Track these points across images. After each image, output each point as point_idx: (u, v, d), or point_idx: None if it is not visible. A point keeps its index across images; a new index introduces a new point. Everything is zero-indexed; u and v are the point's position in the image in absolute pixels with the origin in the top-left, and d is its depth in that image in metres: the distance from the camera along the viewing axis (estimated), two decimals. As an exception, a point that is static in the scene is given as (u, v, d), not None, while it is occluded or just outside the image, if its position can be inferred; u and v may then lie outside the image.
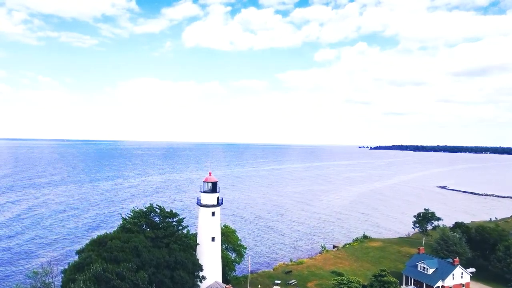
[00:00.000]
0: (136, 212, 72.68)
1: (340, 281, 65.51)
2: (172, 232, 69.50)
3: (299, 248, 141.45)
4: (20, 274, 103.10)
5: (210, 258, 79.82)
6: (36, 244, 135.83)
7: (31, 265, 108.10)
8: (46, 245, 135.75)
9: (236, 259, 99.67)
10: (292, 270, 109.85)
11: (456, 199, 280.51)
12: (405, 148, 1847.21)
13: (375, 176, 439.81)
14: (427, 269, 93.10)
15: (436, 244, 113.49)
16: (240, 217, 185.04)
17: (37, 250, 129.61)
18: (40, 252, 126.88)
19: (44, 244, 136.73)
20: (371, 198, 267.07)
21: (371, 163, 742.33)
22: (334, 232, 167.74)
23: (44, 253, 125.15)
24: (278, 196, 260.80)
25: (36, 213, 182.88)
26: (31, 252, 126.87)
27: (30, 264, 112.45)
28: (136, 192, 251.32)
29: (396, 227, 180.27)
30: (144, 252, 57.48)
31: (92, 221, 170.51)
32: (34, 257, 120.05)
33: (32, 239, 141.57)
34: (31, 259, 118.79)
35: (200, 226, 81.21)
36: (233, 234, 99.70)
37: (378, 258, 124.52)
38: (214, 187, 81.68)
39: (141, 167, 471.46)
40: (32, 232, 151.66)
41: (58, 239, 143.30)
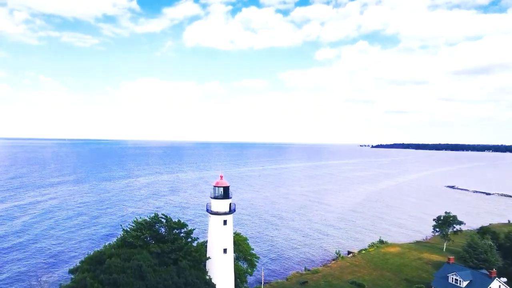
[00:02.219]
0: (138, 223, 63.41)
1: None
2: (180, 246, 60.32)
3: (312, 254, 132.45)
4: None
5: (222, 272, 70.79)
6: (22, 259, 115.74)
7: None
8: (33, 259, 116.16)
9: (248, 270, 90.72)
10: (307, 281, 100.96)
11: (468, 199, 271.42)
12: (406, 147, 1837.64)
13: (381, 175, 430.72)
14: (460, 281, 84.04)
15: (463, 252, 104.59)
16: (245, 221, 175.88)
17: (22, 267, 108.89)
18: (26, 269, 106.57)
19: (31, 257, 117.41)
20: (380, 199, 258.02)
21: (374, 161, 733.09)
22: (347, 236, 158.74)
23: (31, 271, 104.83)
24: (284, 197, 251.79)
25: (25, 219, 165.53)
26: (15, 269, 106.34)
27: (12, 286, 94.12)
28: (138, 195, 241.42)
29: (412, 230, 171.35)
30: (149, 273, 48.57)
31: (90, 230, 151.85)
32: (17, 276, 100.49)
33: (17, 251, 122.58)
34: (13, 278, 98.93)
35: (210, 236, 72.16)
36: (245, 242, 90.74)
37: (398, 266, 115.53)
38: (226, 192, 72.64)
39: (143, 167, 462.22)
40: (18, 242, 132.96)
41: (48, 252, 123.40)
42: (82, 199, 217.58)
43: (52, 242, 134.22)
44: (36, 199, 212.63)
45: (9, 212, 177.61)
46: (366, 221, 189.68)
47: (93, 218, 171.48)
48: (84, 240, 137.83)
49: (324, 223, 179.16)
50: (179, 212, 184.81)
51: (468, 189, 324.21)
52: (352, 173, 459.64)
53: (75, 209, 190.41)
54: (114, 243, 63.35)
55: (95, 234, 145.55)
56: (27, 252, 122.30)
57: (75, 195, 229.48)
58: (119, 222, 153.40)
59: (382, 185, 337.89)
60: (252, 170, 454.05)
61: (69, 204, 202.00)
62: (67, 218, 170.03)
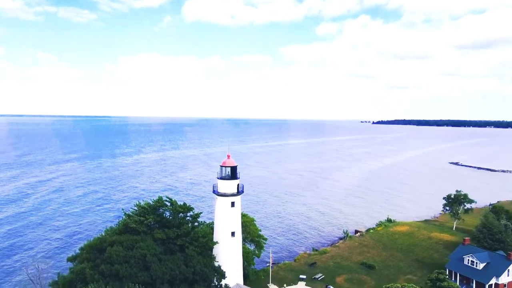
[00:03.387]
0: (141, 207, 59.08)
1: (394, 289, 53.06)
2: (186, 231, 56.16)
3: (319, 234, 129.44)
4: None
5: (230, 256, 67.24)
6: (19, 244, 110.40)
7: (7, 279, 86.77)
8: (31, 243, 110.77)
9: (256, 252, 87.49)
10: (316, 262, 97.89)
11: (473, 176, 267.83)
12: (408, 123, 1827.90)
13: (384, 152, 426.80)
14: (476, 263, 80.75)
15: (477, 232, 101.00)
16: (251, 200, 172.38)
17: (20, 252, 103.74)
18: (23, 255, 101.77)
19: (29, 242, 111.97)
20: (385, 176, 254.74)
21: (376, 138, 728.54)
22: (354, 215, 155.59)
23: (28, 257, 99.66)
24: (288, 175, 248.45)
25: (24, 201, 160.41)
26: (10, 256, 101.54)
27: (6, 276, 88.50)
28: (140, 175, 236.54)
29: (419, 208, 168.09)
30: (154, 263, 44.52)
31: (91, 212, 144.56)
32: (15, 263, 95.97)
33: (13, 236, 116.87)
34: (9, 267, 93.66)
35: (217, 219, 68.30)
36: (252, 223, 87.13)
37: (408, 246, 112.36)
38: (233, 173, 68.38)
39: (145, 144, 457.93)
40: (14, 226, 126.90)
41: (47, 236, 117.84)
42: (84, 179, 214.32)
43: (50, 225, 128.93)
44: (36, 179, 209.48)
45: (7, 194, 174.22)
46: (372, 198, 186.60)
47: (95, 199, 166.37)
48: (84, 223, 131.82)
49: (330, 202, 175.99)
50: (183, 193, 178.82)
51: (472, 166, 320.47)
52: (355, 149, 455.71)
53: (76, 189, 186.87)
54: (116, 227, 59.24)
55: (96, 217, 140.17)
56: (25, 236, 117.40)
57: (77, 175, 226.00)
58: (121, 204, 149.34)
59: (386, 162, 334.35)
60: (255, 147, 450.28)
61: (70, 184, 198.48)
62: (68, 199, 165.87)
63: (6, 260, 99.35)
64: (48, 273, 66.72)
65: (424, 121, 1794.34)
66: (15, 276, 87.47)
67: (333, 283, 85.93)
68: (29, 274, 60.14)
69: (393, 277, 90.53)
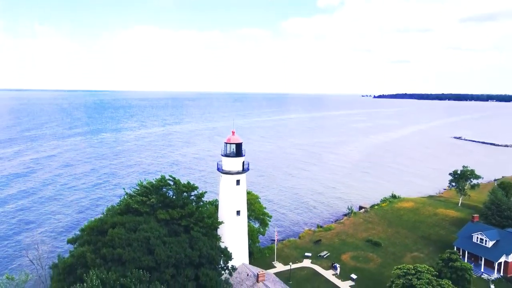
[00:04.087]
0: (143, 186, 56.72)
1: (406, 270, 51.27)
2: (191, 212, 54.00)
3: (323, 210, 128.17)
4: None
5: (235, 236, 65.55)
6: (17, 225, 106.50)
7: (7, 260, 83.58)
8: (30, 224, 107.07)
9: (260, 229, 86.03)
10: (321, 239, 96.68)
11: (476, 150, 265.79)
12: (409, 97, 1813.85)
13: (386, 126, 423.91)
14: (486, 241, 79.21)
15: (485, 208, 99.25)
16: (254, 176, 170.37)
17: (17, 234, 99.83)
18: (21, 236, 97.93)
19: (28, 223, 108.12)
20: (388, 151, 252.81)
21: (379, 112, 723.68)
22: (358, 190, 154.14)
23: (25, 238, 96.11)
24: (291, 149, 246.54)
25: (24, 178, 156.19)
26: (7, 238, 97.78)
27: (6, 257, 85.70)
28: (142, 150, 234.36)
29: (423, 184, 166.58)
30: (158, 246, 42.48)
31: (92, 189, 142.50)
32: (11, 246, 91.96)
33: (13, 216, 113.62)
34: (8, 248, 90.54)
35: (222, 198, 66.21)
36: (257, 201, 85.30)
37: (413, 223, 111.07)
38: (238, 150, 65.89)
39: (146, 119, 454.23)
40: (14, 205, 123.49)
41: (46, 217, 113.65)
42: (86, 155, 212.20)
43: (51, 204, 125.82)
44: (37, 156, 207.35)
45: (6, 172, 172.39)
46: (376, 173, 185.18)
47: (97, 176, 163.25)
48: (86, 201, 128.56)
49: (334, 177, 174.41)
50: (187, 171, 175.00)
51: (475, 140, 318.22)
52: (357, 124, 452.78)
53: (77, 166, 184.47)
54: (117, 207, 57.05)
55: (97, 194, 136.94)
56: (25, 215, 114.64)
57: (78, 151, 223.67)
58: (123, 181, 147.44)
59: (389, 136, 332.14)
60: (258, 122, 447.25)
61: (71, 161, 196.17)
62: (69, 176, 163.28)
63: (5, 240, 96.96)
64: (49, 254, 65.08)
65: (426, 95, 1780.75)
66: (15, 257, 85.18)
67: (339, 261, 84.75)
68: (29, 255, 58.57)
69: (400, 255, 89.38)
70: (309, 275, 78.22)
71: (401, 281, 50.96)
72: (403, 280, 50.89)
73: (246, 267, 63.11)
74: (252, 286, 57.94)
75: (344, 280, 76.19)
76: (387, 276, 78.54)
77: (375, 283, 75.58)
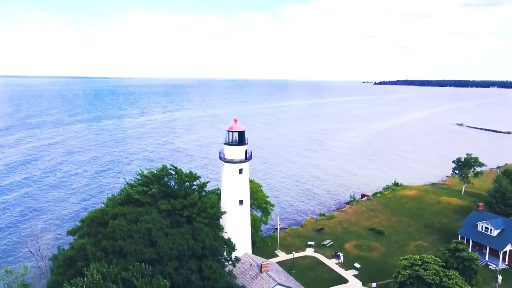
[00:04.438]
0: (144, 176, 55.43)
1: (412, 261, 50.38)
2: (193, 202, 52.79)
3: (325, 199, 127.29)
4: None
5: (238, 225, 64.60)
6: (16, 214, 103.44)
7: (6, 251, 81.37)
8: (29, 214, 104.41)
9: (263, 218, 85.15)
10: (324, 228, 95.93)
11: (478, 137, 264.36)
12: (410, 83, 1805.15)
13: (388, 113, 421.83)
14: (491, 230, 78.31)
15: (489, 197, 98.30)
16: (255, 164, 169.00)
17: (15, 224, 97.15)
18: (19, 227, 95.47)
19: (27, 212, 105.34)
20: (389, 138, 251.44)
21: (380, 99, 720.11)
22: (360, 178, 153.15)
23: (25, 228, 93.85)
24: (292, 136, 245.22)
25: (24, 166, 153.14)
26: (6, 228, 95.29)
27: (5, 248, 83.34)
28: (143, 138, 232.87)
29: (426, 171, 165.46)
30: (161, 238, 41.39)
31: (93, 178, 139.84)
32: (10, 237, 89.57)
33: (12, 205, 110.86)
34: (8, 239, 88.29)
35: (224, 187, 65.09)
36: (259, 189, 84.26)
37: (417, 211, 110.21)
38: (241, 138, 64.51)
39: (147, 106, 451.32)
40: (14, 193, 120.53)
41: (46, 206, 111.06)
42: (86, 143, 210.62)
43: (51, 192, 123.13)
44: (37, 144, 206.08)
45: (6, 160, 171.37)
46: (378, 160, 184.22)
47: (97, 164, 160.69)
48: (86, 190, 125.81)
49: (336, 165, 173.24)
50: (188, 159, 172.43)
51: (478, 127, 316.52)
52: (359, 110, 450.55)
53: (78, 154, 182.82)
54: (118, 197, 55.91)
55: (98, 183, 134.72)
56: (24, 205, 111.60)
57: (79, 138, 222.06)
58: (125, 168, 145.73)
59: (390, 123, 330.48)
60: (258, 108, 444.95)
61: (72, 148, 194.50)
62: (69, 165, 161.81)
63: (5, 230, 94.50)
64: (50, 245, 63.87)
65: (427, 81, 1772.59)
66: (15, 248, 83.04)
67: (342, 249, 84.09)
68: (29, 245, 57.57)
69: (403, 243, 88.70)
70: (312, 264, 77.61)
71: (407, 272, 50.08)
72: (410, 271, 50.01)
73: (249, 257, 62.33)
74: (255, 276, 57.17)
75: (348, 269, 75.57)
76: (390, 265, 78.08)
77: (379, 272, 74.95)
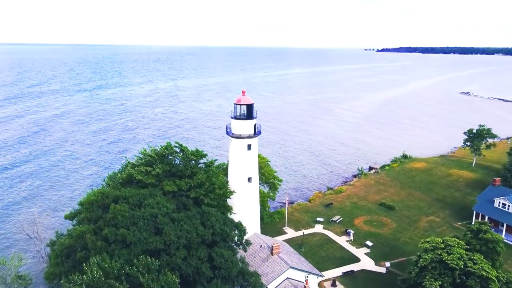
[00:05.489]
0: (147, 155, 51.23)
1: (434, 244, 47.23)
2: (201, 182, 48.98)
3: (332, 171, 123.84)
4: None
5: (247, 204, 61.27)
6: (12, 195, 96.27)
7: (3, 235, 75.67)
8: (26, 193, 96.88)
9: (270, 194, 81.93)
10: (332, 203, 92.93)
11: (485, 106, 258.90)
12: (413, 50, 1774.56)
13: (392, 81, 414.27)
14: (509, 206, 75.18)
15: (505, 170, 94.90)
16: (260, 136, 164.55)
17: (11, 206, 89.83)
18: (18, 207, 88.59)
19: (25, 191, 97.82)
20: (396, 107, 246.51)
21: (383, 67, 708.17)
22: (367, 149, 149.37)
23: (22, 209, 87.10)
24: (296, 106, 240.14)
25: (24, 141, 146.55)
26: (6, 207, 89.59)
27: (1, 232, 77.43)
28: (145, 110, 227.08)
29: (434, 142, 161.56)
30: (167, 224, 37.70)
31: (93, 152, 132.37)
32: (6, 220, 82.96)
33: (8, 184, 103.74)
34: (4, 221, 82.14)
35: (232, 164, 61.35)
36: (267, 165, 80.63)
37: (427, 184, 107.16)
38: (249, 111, 60.25)
39: (149, 75, 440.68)
40: (11, 171, 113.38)
41: (45, 184, 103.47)
42: (88, 114, 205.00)
43: (51, 169, 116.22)
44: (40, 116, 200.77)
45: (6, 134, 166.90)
46: (386, 130, 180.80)
47: (99, 139, 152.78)
48: (86, 166, 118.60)
49: (341, 136, 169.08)
50: (192, 133, 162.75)
51: (484, 96, 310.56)
52: (363, 79, 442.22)
53: (78, 126, 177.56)
54: (119, 176, 51.97)
55: (99, 157, 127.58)
56: (21, 183, 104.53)
57: (81, 110, 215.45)
58: (126, 148, 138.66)
59: (396, 92, 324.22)
60: (260, 76, 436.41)
61: (72, 120, 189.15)
62: (69, 138, 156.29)
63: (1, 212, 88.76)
64: (48, 227, 59.90)
65: (430, 48, 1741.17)
66: (10, 231, 77.40)
67: (352, 225, 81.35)
68: (26, 228, 54.23)
69: (414, 219, 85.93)
70: (322, 242, 74.96)
71: (429, 255, 46.96)
72: (432, 255, 46.89)
73: (258, 237, 59.34)
74: (266, 258, 54.31)
75: (359, 247, 72.90)
76: (403, 242, 75.56)
77: (392, 250, 72.42)
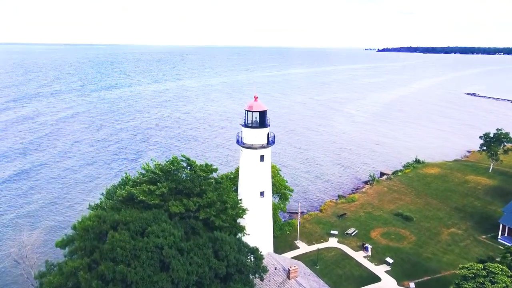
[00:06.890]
0: (151, 171, 45.26)
1: (475, 272, 41.78)
2: (211, 201, 43.07)
3: (342, 178, 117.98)
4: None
5: (259, 221, 55.67)
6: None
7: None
8: (13, 210, 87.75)
9: (281, 205, 76.33)
10: (345, 213, 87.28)
11: (493, 107, 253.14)
12: (414, 50, 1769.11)
13: (396, 81, 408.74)
14: (539, 220, 69.59)
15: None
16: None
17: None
18: (6, 230, 78.85)
19: (10, 208, 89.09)
20: (403, 107, 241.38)
21: (384, 66, 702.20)
22: (377, 153, 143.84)
23: (7, 231, 77.62)
24: (302, 106, 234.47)
25: (17, 146, 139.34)
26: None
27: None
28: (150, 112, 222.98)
29: (446, 146, 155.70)
30: (175, 258, 31.96)
31: (92, 161, 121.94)
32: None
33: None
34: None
35: (243, 176, 55.74)
36: (278, 174, 74.98)
37: (444, 192, 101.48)
38: (262, 119, 54.64)
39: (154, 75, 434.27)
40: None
41: (34, 199, 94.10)
42: (86, 118, 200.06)
43: (42, 182, 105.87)
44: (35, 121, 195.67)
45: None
46: (394, 131, 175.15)
47: (98, 146, 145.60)
48: (82, 179, 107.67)
49: (349, 139, 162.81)
50: (200, 140, 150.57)
51: (490, 96, 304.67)
52: (366, 79, 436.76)
53: (75, 132, 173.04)
54: (118, 193, 46.09)
55: (97, 169, 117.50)
56: (8, 197, 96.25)
57: (79, 116, 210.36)
58: (128, 153, 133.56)
59: (400, 92, 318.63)
60: (263, 77, 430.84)
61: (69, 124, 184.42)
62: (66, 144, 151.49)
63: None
64: (37, 249, 53.30)
65: (431, 48, 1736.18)
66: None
67: (368, 239, 75.72)
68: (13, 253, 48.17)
69: (435, 231, 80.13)
70: (337, 258, 69.29)
71: (470, 285, 41.41)
72: (473, 284, 41.33)
73: (272, 258, 53.64)
74: (282, 283, 48.68)
75: (378, 263, 67.27)
76: (425, 258, 69.83)
77: (414, 267, 66.72)
